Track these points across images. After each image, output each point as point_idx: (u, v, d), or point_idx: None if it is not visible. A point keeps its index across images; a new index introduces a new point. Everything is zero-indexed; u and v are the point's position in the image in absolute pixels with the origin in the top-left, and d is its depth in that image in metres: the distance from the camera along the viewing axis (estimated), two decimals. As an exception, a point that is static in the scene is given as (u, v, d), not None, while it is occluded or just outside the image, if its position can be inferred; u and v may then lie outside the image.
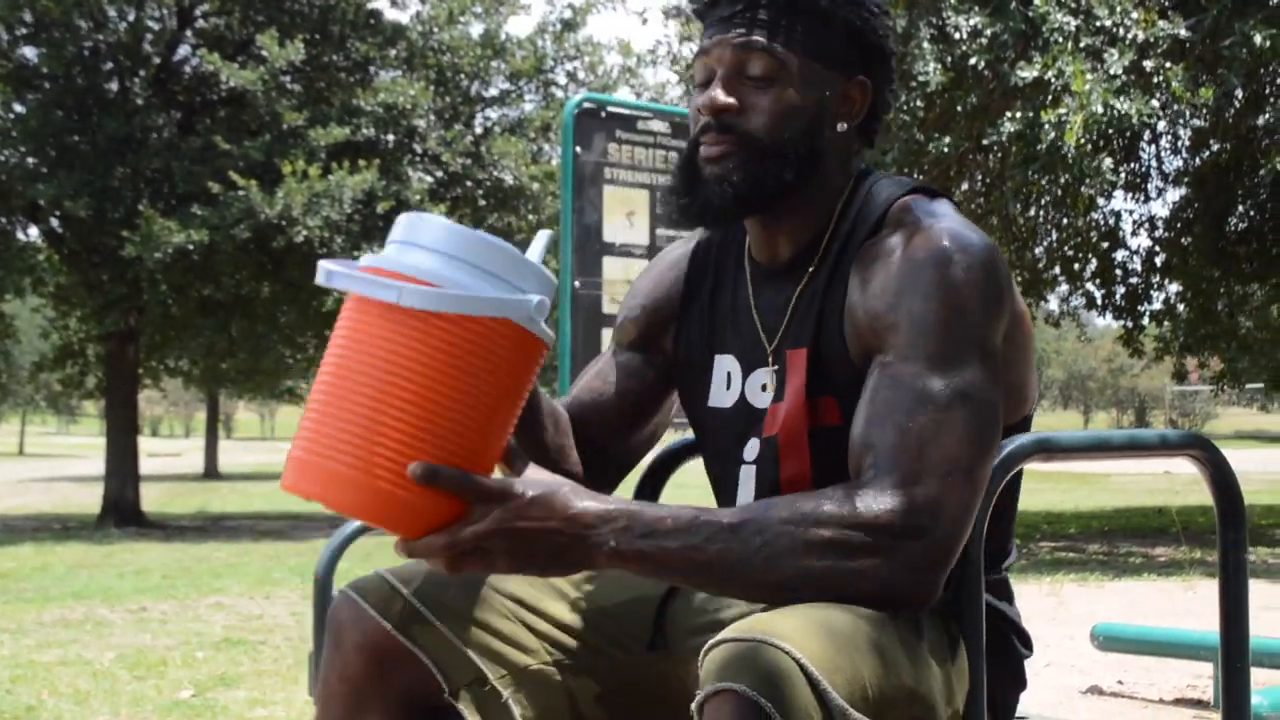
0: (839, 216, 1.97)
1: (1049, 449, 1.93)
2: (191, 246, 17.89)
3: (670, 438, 2.46)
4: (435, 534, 1.64)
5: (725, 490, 2.07)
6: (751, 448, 2.00)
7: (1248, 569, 2.19)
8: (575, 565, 1.71)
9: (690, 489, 2.75)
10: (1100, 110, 11.83)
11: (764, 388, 1.98)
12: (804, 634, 1.54)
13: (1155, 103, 12.65)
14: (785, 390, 1.93)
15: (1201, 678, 6.02)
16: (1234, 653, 2.17)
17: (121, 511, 20.34)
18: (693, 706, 1.54)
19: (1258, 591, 9.36)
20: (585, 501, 1.68)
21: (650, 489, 2.41)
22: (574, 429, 2.10)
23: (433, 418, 1.61)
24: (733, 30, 1.92)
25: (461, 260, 1.65)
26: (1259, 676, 5.46)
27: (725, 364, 2.05)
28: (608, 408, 2.13)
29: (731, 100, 1.91)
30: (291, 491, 1.65)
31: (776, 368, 1.97)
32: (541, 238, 1.81)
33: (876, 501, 1.66)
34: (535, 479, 1.74)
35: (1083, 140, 12.01)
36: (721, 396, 2.04)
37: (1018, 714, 2.36)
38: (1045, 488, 25.02)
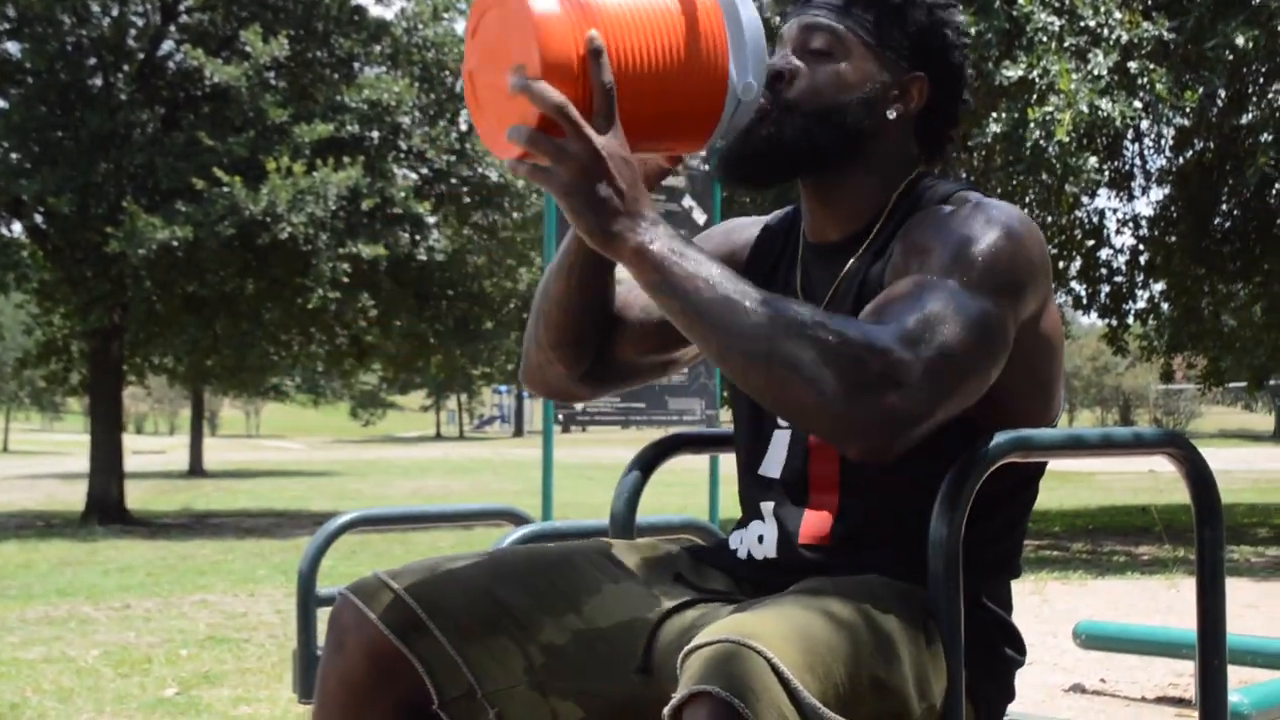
0: (893, 206, 2.04)
1: (1027, 446, 1.94)
2: (176, 243, 17.82)
3: (656, 434, 2.47)
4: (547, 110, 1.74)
5: (754, 453, 2.12)
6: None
7: (1224, 566, 2.21)
8: (607, 237, 1.79)
9: (675, 486, 2.77)
10: (1085, 110, 11.89)
11: None
12: (777, 635, 1.56)
13: (1139, 103, 12.70)
14: None
15: (1184, 675, 6.04)
16: (1211, 650, 2.18)
17: (106, 509, 20.26)
18: (666, 711, 1.55)
19: (1241, 590, 9.48)
20: (652, 202, 1.83)
21: (642, 475, 2.42)
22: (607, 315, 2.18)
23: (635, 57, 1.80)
24: (806, 11, 2.03)
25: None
26: (1241, 675, 5.50)
27: None
28: (642, 320, 2.18)
29: (784, 67, 2.01)
30: None
31: None
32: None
33: (879, 337, 1.74)
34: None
35: (1069, 140, 12.06)
36: None
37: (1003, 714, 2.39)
38: (1030, 486, 25.02)
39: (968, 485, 1.84)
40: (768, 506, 2.06)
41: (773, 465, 2.08)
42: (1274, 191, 17.42)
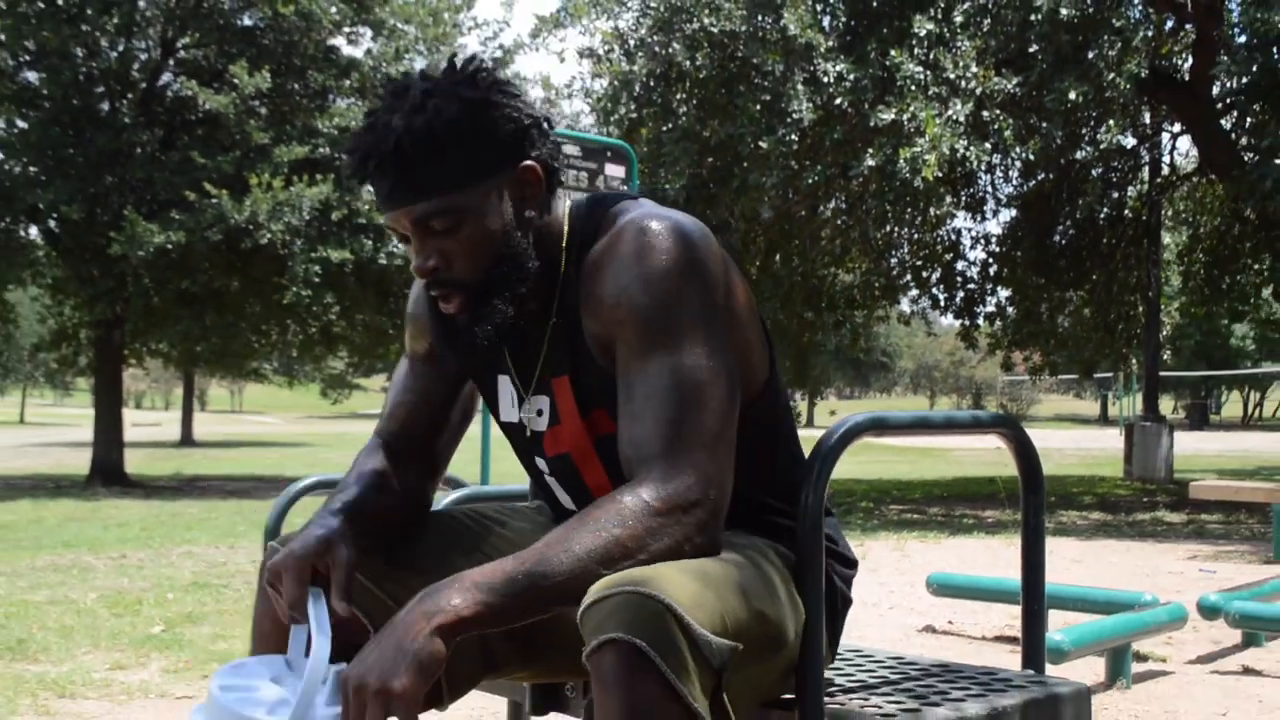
0: (565, 256, 1.87)
1: (882, 425, 1.95)
2: (171, 246, 17.76)
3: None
4: None
5: (545, 496, 2.09)
6: (541, 464, 2.01)
7: (1045, 527, 2.23)
8: (440, 652, 1.57)
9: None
10: (948, 151, 12.01)
11: (539, 413, 1.96)
12: (668, 579, 1.55)
13: (989, 145, 12.84)
14: (560, 414, 1.93)
15: (1018, 618, 6.10)
16: (1033, 597, 2.21)
17: (107, 473, 20.19)
18: (584, 660, 1.54)
19: (1068, 547, 9.56)
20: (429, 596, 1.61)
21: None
22: (398, 440, 2.04)
23: None
24: (400, 205, 1.78)
25: None
26: (1065, 618, 5.56)
27: (506, 384, 2.02)
28: (423, 413, 2.06)
29: (433, 263, 1.80)
30: None
31: (548, 396, 1.94)
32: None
33: (658, 489, 1.66)
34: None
35: (933, 180, 12.18)
36: (510, 413, 2.02)
37: (864, 650, 2.40)
38: (896, 460, 25.27)
39: (831, 459, 1.85)
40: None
41: (567, 501, 2.04)
42: (1101, 216, 17.70)
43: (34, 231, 20.59)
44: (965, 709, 1.90)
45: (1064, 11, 12.26)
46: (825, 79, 12.79)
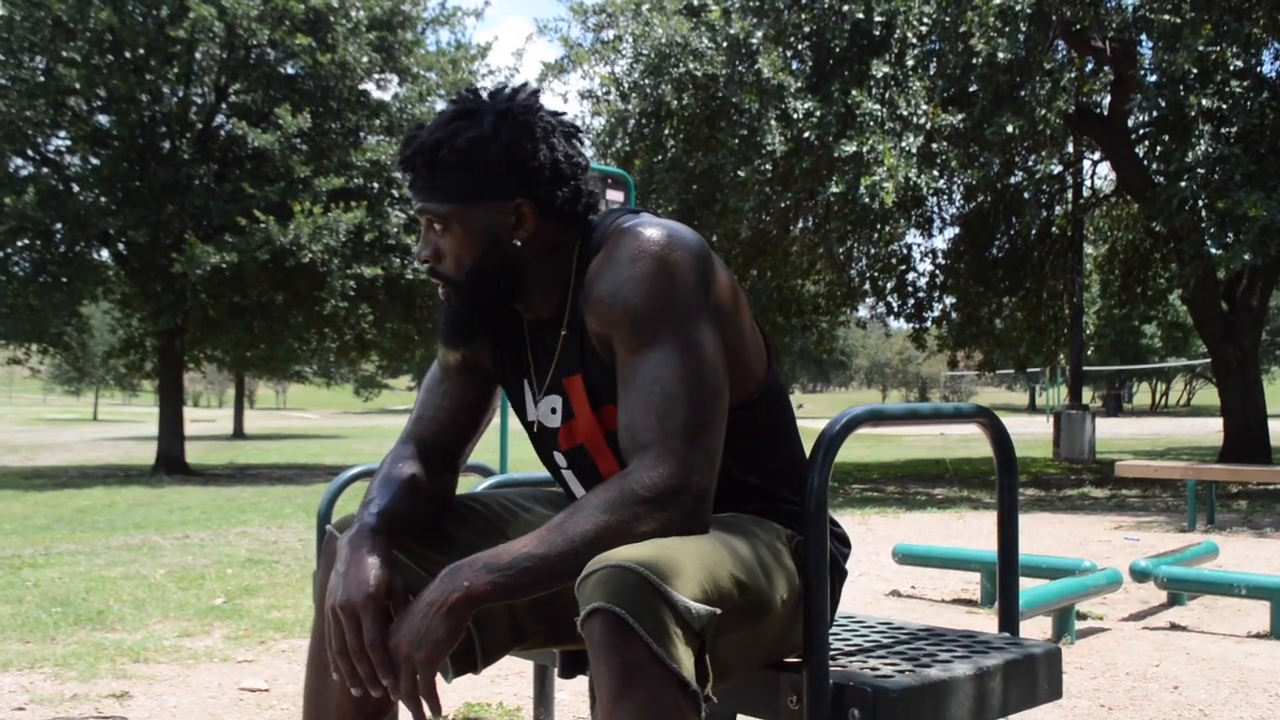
0: (576, 268, 1.83)
1: (879, 416, 1.90)
2: (224, 265, 17.71)
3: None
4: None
5: (564, 487, 2.02)
6: (558, 457, 1.95)
7: (1018, 505, 2.17)
8: (457, 625, 1.58)
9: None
10: (903, 180, 12.01)
11: (554, 411, 1.91)
12: (649, 554, 1.51)
13: (936, 172, 12.83)
14: (573, 410, 1.88)
15: (971, 584, 6.06)
16: (1008, 566, 2.15)
17: (170, 463, 20.11)
18: (579, 629, 1.51)
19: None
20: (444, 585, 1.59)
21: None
22: (428, 447, 1.97)
23: None
24: (419, 200, 1.81)
25: None
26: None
27: (528, 389, 1.96)
28: (455, 420, 2.00)
29: (426, 253, 1.82)
30: None
31: (561, 395, 1.89)
32: None
33: (644, 476, 1.62)
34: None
35: (892, 204, 12.18)
36: (532, 413, 1.96)
37: (855, 616, 2.35)
38: (857, 445, 25.23)
39: (834, 447, 1.79)
40: None
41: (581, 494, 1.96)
42: (1032, 233, 17.71)
43: (105, 254, 20.57)
44: (954, 669, 1.84)
45: (1000, 55, 12.23)
46: (795, 115, 12.77)
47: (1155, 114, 13.02)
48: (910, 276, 18.53)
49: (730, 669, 1.63)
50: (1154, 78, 12.74)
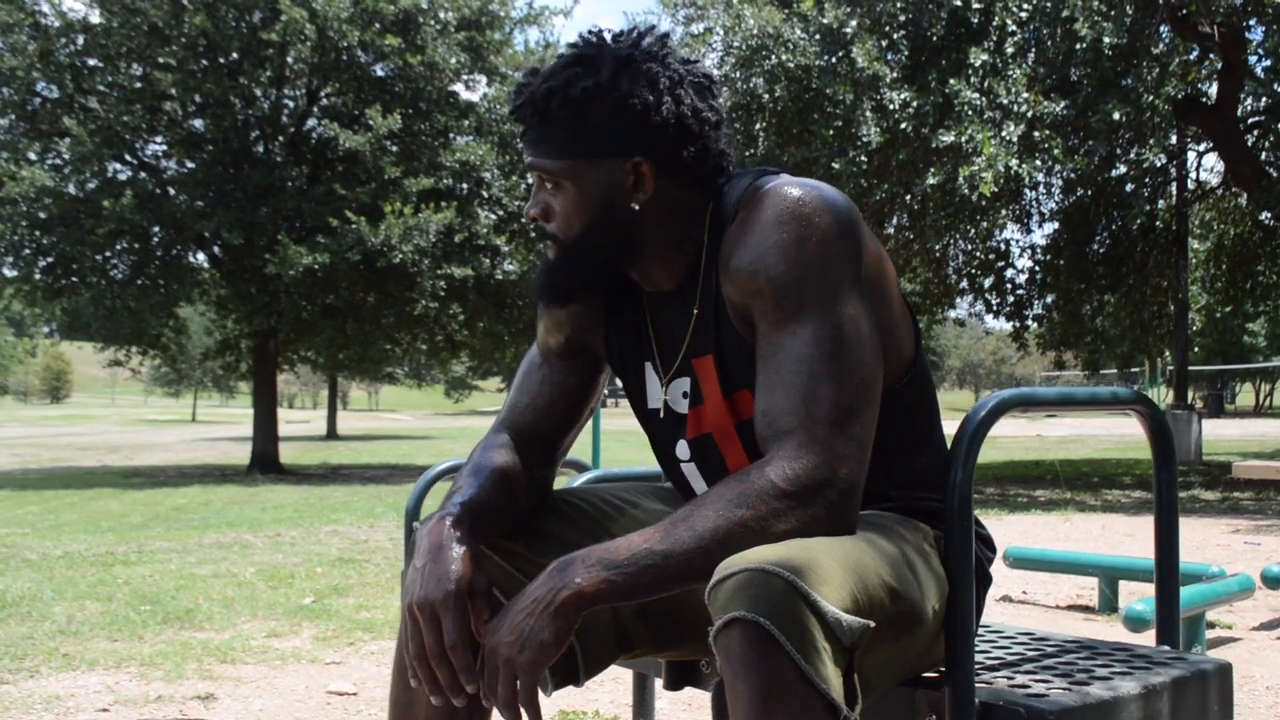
0: (709, 235, 1.63)
1: (1029, 401, 1.67)
2: (317, 267, 17.86)
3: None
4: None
5: (680, 487, 1.80)
6: (681, 449, 1.72)
7: (1178, 504, 1.93)
8: (566, 626, 1.41)
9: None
10: (1003, 169, 11.68)
11: (684, 395, 1.69)
12: (795, 556, 1.30)
13: (1039, 163, 12.46)
14: (702, 394, 1.66)
15: (1087, 589, 5.77)
16: (1168, 575, 1.91)
17: (265, 462, 20.35)
18: (710, 641, 1.30)
19: (1119, 523, 9.08)
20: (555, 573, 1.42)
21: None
22: (523, 436, 1.78)
23: None
24: (528, 153, 1.64)
25: None
26: (1131, 588, 5.21)
27: (650, 373, 1.75)
28: (554, 408, 1.80)
29: (534, 210, 1.65)
30: None
31: (689, 377, 1.68)
32: None
33: (784, 467, 1.40)
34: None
35: (990, 195, 11.85)
36: (656, 400, 1.74)
37: (993, 626, 2.13)
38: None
39: (980, 434, 1.58)
40: None
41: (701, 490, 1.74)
42: (1134, 228, 17.21)
43: (201, 257, 20.90)
44: (1118, 687, 1.62)
45: (1106, 40, 11.83)
46: (891, 106, 12.48)
47: (1267, 101, 12.52)
48: (1009, 273, 18.10)
49: (874, 688, 1.42)
50: (1266, 63, 12.26)
